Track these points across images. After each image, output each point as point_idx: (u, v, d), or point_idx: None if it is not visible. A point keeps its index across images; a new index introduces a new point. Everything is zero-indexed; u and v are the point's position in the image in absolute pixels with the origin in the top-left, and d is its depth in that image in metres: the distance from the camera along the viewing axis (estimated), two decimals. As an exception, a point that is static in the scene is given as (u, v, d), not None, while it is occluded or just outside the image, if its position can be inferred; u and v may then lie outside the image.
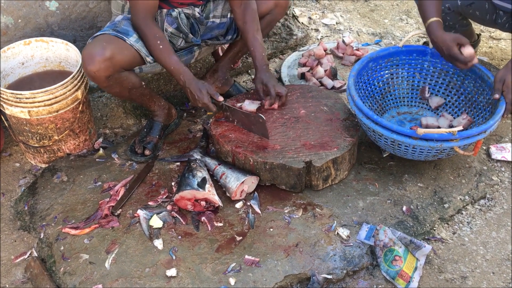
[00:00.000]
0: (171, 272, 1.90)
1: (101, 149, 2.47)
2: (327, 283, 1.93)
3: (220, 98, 2.20)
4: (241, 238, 2.02)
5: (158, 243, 2.00)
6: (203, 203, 2.09)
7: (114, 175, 2.31)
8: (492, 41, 3.14)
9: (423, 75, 2.43)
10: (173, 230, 2.05)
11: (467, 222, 2.18)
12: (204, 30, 2.34)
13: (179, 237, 2.03)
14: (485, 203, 2.24)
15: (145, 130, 2.45)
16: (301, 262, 1.94)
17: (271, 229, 2.05)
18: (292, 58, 3.02)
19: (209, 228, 2.05)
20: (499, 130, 2.51)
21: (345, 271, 1.94)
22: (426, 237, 2.09)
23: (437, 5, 2.22)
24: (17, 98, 2.18)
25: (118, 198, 2.17)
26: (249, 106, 2.32)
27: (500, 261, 2.03)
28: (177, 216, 2.09)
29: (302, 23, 3.32)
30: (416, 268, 1.95)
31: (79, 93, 2.28)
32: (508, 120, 2.56)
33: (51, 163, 2.42)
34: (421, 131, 1.96)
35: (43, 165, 2.45)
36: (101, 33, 2.13)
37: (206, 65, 2.89)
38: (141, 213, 2.09)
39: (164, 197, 2.18)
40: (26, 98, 2.17)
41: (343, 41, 3.04)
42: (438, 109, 2.42)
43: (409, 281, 1.92)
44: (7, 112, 2.25)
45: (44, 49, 2.44)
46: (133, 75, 2.20)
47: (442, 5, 2.53)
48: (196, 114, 2.68)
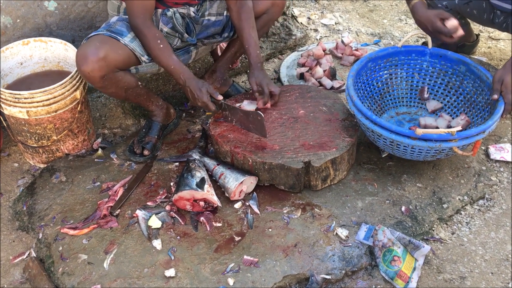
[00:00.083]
0: (170, 272, 1.90)
1: (100, 149, 2.46)
2: (325, 284, 1.92)
3: (220, 97, 2.20)
4: (240, 238, 2.02)
5: (157, 244, 2.00)
6: (202, 203, 2.09)
7: (112, 175, 2.31)
8: (491, 41, 3.14)
9: (422, 76, 2.43)
10: (171, 230, 2.05)
11: (466, 222, 2.18)
12: (200, 29, 2.34)
13: (178, 237, 2.03)
14: (484, 204, 2.24)
15: (144, 130, 2.44)
16: (299, 262, 1.94)
17: (270, 229, 2.05)
18: (291, 58, 3.02)
19: (208, 229, 2.05)
20: (498, 131, 2.51)
21: (343, 272, 1.94)
22: (425, 237, 2.09)
23: None
24: (15, 98, 2.17)
25: (117, 199, 2.16)
26: (248, 106, 2.32)
27: (499, 262, 2.03)
28: (176, 216, 2.09)
29: (301, 23, 3.32)
30: (414, 268, 1.95)
31: (77, 93, 2.28)
32: (507, 121, 2.56)
33: (49, 163, 2.41)
34: (419, 131, 1.96)
35: (42, 165, 2.44)
36: (95, 33, 2.13)
37: (205, 65, 2.89)
38: (139, 213, 2.09)
39: (163, 197, 2.18)
40: (25, 98, 2.17)
41: (342, 41, 3.05)
42: (434, 113, 2.42)
43: (408, 282, 1.92)
44: (5, 112, 2.25)
45: (42, 49, 2.44)
46: (129, 75, 2.19)
47: (440, 3, 2.53)
48: (195, 114, 2.68)
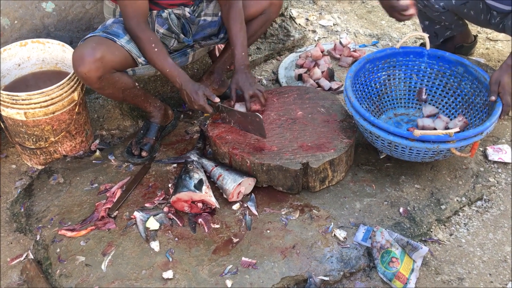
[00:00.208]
0: (168, 274, 1.90)
1: (98, 150, 2.46)
2: (324, 285, 1.92)
3: (216, 99, 2.19)
4: (238, 240, 2.01)
5: (155, 245, 2.00)
6: (200, 204, 2.09)
7: (110, 176, 2.30)
8: (489, 42, 3.14)
9: (420, 77, 2.43)
10: (169, 232, 2.05)
11: (464, 223, 2.18)
12: (196, 30, 2.33)
13: (176, 239, 2.02)
14: (482, 205, 2.24)
15: (142, 131, 2.44)
16: (298, 264, 1.94)
17: (268, 231, 2.05)
18: (289, 59, 3.02)
19: (206, 230, 2.05)
20: (496, 132, 2.51)
21: (342, 273, 1.94)
22: (423, 239, 2.09)
23: None
24: (13, 99, 2.17)
25: (115, 200, 2.16)
26: (241, 108, 2.30)
27: (497, 263, 2.03)
28: (174, 218, 2.09)
29: (299, 24, 3.32)
30: (413, 269, 1.95)
31: (75, 95, 2.28)
32: (505, 122, 2.56)
33: (47, 164, 2.41)
34: (417, 132, 1.96)
35: (40, 167, 2.44)
36: (92, 35, 2.13)
37: (203, 66, 2.89)
38: (137, 215, 2.09)
39: (161, 199, 2.18)
40: (22, 100, 2.17)
41: (340, 43, 3.04)
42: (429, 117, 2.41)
43: (406, 283, 1.92)
44: (3, 113, 2.24)
45: (40, 50, 2.43)
46: (126, 76, 2.19)
47: (437, 4, 2.53)
48: (193, 115, 2.68)
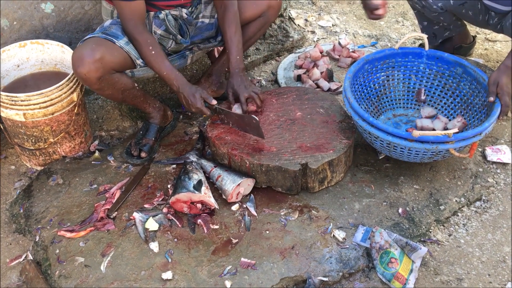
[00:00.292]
0: (167, 275, 1.90)
1: (97, 151, 2.46)
2: (323, 286, 1.92)
3: (214, 101, 2.18)
4: (237, 240, 2.02)
5: (154, 246, 2.00)
6: (199, 205, 2.09)
7: (110, 177, 2.30)
8: (488, 43, 3.14)
9: (419, 77, 2.44)
10: (169, 232, 2.05)
11: (463, 224, 2.18)
12: (194, 32, 2.33)
13: (175, 239, 2.02)
14: (481, 205, 2.25)
15: (141, 132, 2.44)
16: (297, 264, 1.94)
17: (267, 232, 2.05)
18: (288, 60, 3.02)
19: (205, 231, 2.05)
20: (494, 132, 2.51)
21: (341, 274, 1.94)
22: (422, 239, 2.09)
23: None
24: (12, 100, 2.17)
25: (114, 201, 2.16)
26: (239, 110, 2.30)
27: (496, 263, 2.03)
28: (173, 218, 2.09)
29: (298, 25, 3.32)
30: (411, 270, 1.95)
31: (74, 96, 2.28)
32: (504, 122, 2.57)
33: (46, 165, 2.41)
34: (416, 133, 1.96)
35: (39, 168, 2.44)
36: (91, 36, 2.13)
37: (202, 67, 2.89)
38: (136, 215, 2.09)
39: (160, 199, 2.18)
40: (21, 101, 2.17)
41: (339, 43, 3.05)
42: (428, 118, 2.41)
43: (405, 283, 1.92)
44: (2, 114, 2.24)
45: (39, 51, 2.43)
46: (125, 77, 2.19)
47: (435, 4, 2.53)
48: (192, 116, 2.68)
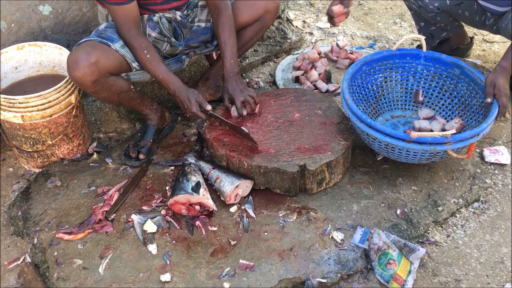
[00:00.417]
0: (165, 277, 1.90)
1: (95, 153, 2.46)
2: (321, 287, 1.92)
3: (208, 107, 2.17)
4: (235, 242, 2.02)
5: (152, 248, 2.00)
6: (197, 207, 2.09)
7: (108, 179, 2.30)
8: (486, 44, 3.15)
9: (417, 79, 2.44)
10: (167, 234, 2.05)
11: (461, 225, 2.18)
12: (190, 35, 2.33)
13: (173, 241, 2.02)
14: (479, 206, 2.25)
15: (139, 134, 2.44)
16: (295, 266, 1.94)
17: (266, 233, 2.05)
18: (286, 61, 3.02)
19: (204, 233, 2.05)
20: (492, 133, 2.52)
21: (339, 275, 1.94)
22: (420, 240, 2.10)
23: None
24: (10, 103, 2.17)
25: (112, 203, 2.16)
26: (236, 113, 2.30)
27: (494, 264, 2.03)
28: (171, 220, 2.09)
29: (296, 26, 3.33)
30: (410, 271, 1.95)
31: (72, 98, 2.28)
32: (501, 123, 2.57)
33: (44, 168, 2.41)
34: (414, 134, 1.96)
35: (37, 170, 2.44)
36: (86, 39, 2.13)
37: (200, 69, 2.89)
38: (135, 217, 2.09)
39: (158, 201, 2.18)
40: (19, 103, 2.17)
41: (337, 45, 3.05)
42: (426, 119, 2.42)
43: (403, 285, 1.92)
44: (0, 117, 2.24)
45: (37, 53, 2.43)
46: (121, 79, 2.19)
47: (431, 4, 2.53)
48: (190, 118, 2.68)
